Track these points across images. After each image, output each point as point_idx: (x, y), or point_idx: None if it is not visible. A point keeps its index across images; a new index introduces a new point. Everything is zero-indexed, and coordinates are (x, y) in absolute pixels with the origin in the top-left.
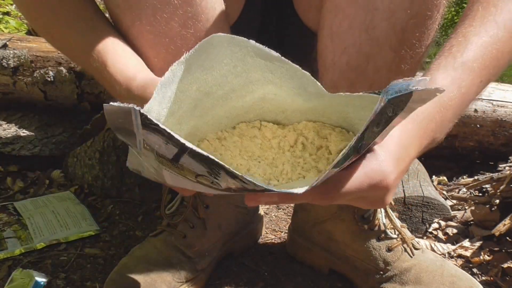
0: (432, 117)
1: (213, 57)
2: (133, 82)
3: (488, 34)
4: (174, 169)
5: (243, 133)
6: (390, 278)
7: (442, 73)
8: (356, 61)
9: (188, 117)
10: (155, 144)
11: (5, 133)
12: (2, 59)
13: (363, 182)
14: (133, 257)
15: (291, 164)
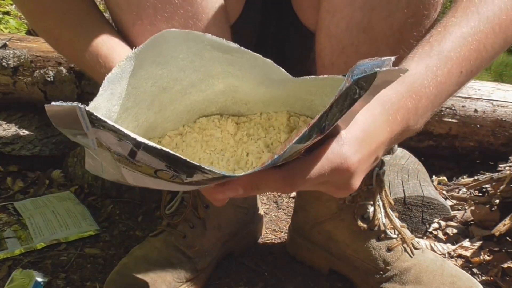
0: (403, 104)
1: (167, 53)
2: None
3: (469, 25)
4: (132, 166)
5: (204, 127)
6: (390, 278)
7: (416, 61)
8: (355, 61)
9: (145, 113)
10: (109, 142)
11: (5, 133)
12: (2, 59)
13: (324, 165)
14: (133, 257)
15: (255, 155)
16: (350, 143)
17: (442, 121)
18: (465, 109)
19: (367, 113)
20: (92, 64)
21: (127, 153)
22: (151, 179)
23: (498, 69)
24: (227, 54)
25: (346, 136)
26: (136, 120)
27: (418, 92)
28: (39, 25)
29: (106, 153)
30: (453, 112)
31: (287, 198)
